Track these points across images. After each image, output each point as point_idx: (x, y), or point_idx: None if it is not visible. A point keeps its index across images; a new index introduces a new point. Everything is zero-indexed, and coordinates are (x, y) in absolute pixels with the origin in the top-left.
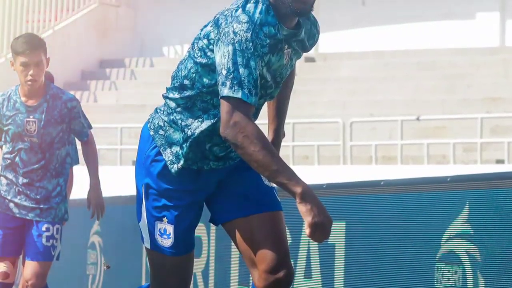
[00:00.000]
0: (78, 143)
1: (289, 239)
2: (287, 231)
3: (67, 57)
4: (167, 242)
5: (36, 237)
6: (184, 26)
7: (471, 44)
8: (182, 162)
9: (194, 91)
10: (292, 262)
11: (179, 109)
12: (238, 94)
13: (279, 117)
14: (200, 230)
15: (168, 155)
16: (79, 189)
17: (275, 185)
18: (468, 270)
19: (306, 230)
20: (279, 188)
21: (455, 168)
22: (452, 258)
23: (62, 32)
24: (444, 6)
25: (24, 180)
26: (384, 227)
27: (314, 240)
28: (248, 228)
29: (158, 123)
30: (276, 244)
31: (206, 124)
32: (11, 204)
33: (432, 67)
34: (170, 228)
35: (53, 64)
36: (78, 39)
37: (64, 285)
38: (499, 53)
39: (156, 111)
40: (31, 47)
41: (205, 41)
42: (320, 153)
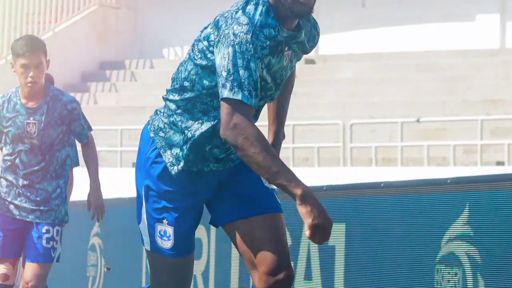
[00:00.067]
0: (78, 145)
1: (289, 240)
2: (287, 232)
3: (67, 59)
4: (167, 244)
5: (36, 239)
6: (184, 28)
7: (471, 46)
8: (182, 164)
9: (194, 93)
10: (292, 264)
11: (179, 111)
12: (238, 96)
13: (279, 119)
14: (200, 232)
15: (168, 157)
16: (79, 191)
17: (275, 187)
18: (468, 272)
19: (306, 232)
20: (279, 190)
21: (455, 170)
22: (452, 260)
23: (62, 34)
24: (444, 8)
25: (24, 182)
26: (384, 229)
27: (314, 242)
28: (248, 230)
29: (158, 125)
30: (276, 246)
31: (206, 126)
32: (11, 206)
33: (432, 69)
34: (170, 230)
35: (53, 66)
36: (78, 41)
37: (65, 287)
38: (499, 55)
39: (156, 113)
40: (31, 49)
41: (205, 43)
42: (320, 155)
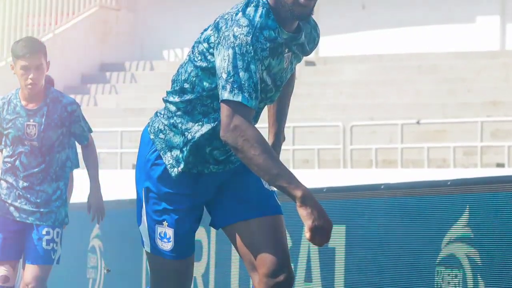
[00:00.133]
0: (78, 147)
1: (289, 242)
2: (287, 234)
3: (68, 60)
4: (167, 245)
5: (36, 240)
6: (184, 30)
7: (471, 48)
8: (182, 165)
9: (194, 95)
10: (292, 266)
11: (179, 112)
12: (238, 98)
13: (279, 120)
14: (201, 234)
15: (168, 158)
16: (79, 193)
17: (275, 188)
18: (468, 274)
19: (306, 234)
20: (279, 192)
21: (455, 172)
22: (452, 262)
23: (62, 36)
24: (445, 10)
25: (24, 184)
26: (384, 230)
27: (314, 243)
28: (248, 231)
29: (158, 127)
30: (276, 247)
31: (206, 127)
32: (11, 208)
33: (433, 70)
34: (170, 232)
35: (53, 67)
36: (78, 43)
37: None
38: (499, 57)
39: (156, 115)
40: (32, 50)
41: (205, 44)
42: (320, 156)
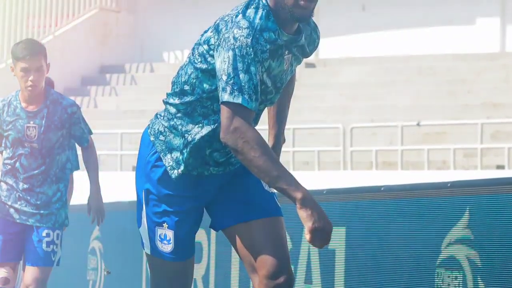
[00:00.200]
0: (78, 149)
1: (289, 244)
2: (288, 236)
3: (67, 62)
4: (167, 247)
5: (37, 242)
6: (184, 32)
7: (471, 50)
8: (182, 167)
9: (194, 97)
10: (292, 268)
11: (179, 114)
12: (239, 100)
13: (279, 122)
14: (201, 236)
15: (168, 160)
16: (79, 194)
17: (275, 190)
18: (469, 276)
19: (307, 236)
20: (279, 194)
21: (456, 174)
22: (452, 264)
23: (62, 38)
24: (445, 12)
25: (25, 186)
26: (384, 232)
27: (315, 245)
28: (248, 233)
29: (158, 129)
30: (277, 249)
31: (206, 129)
32: (12, 210)
33: (433, 72)
34: (170, 234)
35: (53, 69)
36: (78, 45)
37: None
38: (499, 58)
39: (156, 117)
40: (32, 52)
41: (205, 46)
42: (320, 158)
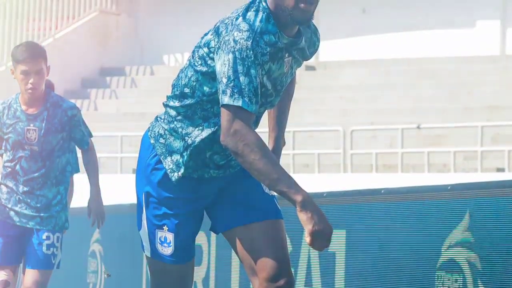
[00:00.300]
0: (79, 151)
1: (289, 247)
2: (288, 239)
3: (68, 65)
4: (167, 250)
5: (37, 245)
6: (184, 34)
7: (471, 53)
8: (182, 170)
9: (195, 100)
10: (292, 271)
11: (179, 117)
12: (239, 103)
13: (279, 125)
14: (201, 238)
15: (168, 163)
16: (80, 197)
17: (275, 193)
18: (469, 278)
19: (307, 238)
20: (279, 196)
21: (456, 177)
22: (452, 266)
23: (62, 40)
24: (445, 14)
25: (25, 189)
26: (385, 235)
27: (315, 248)
28: (248, 236)
29: (158, 132)
30: (277, 252)
31: (207, 132)
32: (12, 213)
33: (433, 75)
34: (171, 237)
35: (53, 72)
36: (79, 48)
37: None
38: (499, 61)
39: (156, 120)
40: (32, 55)
41: (205, 49)
42: (320, 161)
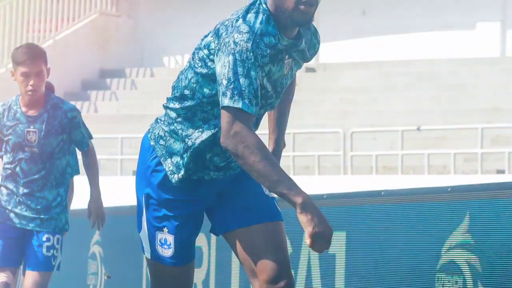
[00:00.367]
0: (79, 153)
1: (289, 249)
2: (288, 241)
3: (68, 67)
4: (167, 252)
5: (37, 247)
6: (184, 36)
7: (471, 55)
8: (182, 172)
9: (195, 101)
10: (292, 272)
11: (179, 119)
12: (239, 104)
13: (279, 127)
14: (201, 240)
15: (168, 165)
16: (80, 199)
17: (275, 195)
18: (469, 280)
19: (307, 240)
20: (279, 198)
21: (456, 178)
22: (452, 268)
23: (62, 42)
24: (445, 16)
25: (25, 190)
26: (385, 237)
27: (315, 250)
28: (248, 238)
29: (158, 133)
30: (277, 254)
31: (207, 134)
32: (12, 214)
33: (433, 77)
34: (171, 238)
35: (53, 74)
36: (79, 49)
37: None
38: (499, 63)
39: (156, 121)
40: (32, 57)
41: (205, 51)
42: (320, 163)
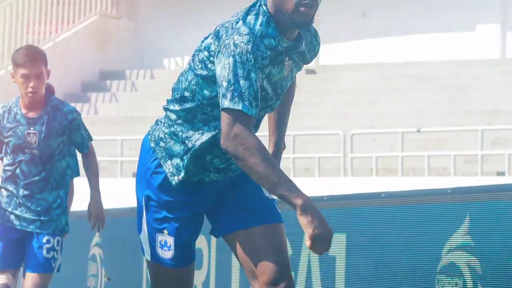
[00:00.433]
0: (79, 155)
1: (289, 251)
2: (288, 243)
3: (68, 68)
4: (167, 254)
5: (37, 249)
6: (184, 38)
7: (471, 56)
8: (182, 174)
9: (195, 103)
10: (292, 274)
11: (179, 121)
12: (239, 106)
13: (279, 129)
14: (201, 242)
15: (168, 167)
16: (80, 201)
17: (275, 197)
18: (469, 282)
19: (307, 242)
20: (279, 200)
21: (456, 180)
22: (452, 270)
23: (62, 44)
24: (445, 18)
25: (25, 192)
26: (385, 239)
27: (315, 252)
28: (248, 240)
29: (158, 135)
30: (277, 256)
31: (207, 136)
32: (12, 216)
33: (433, 79)
34: (171, 240)
35: (53, 75)
36: (79, 51)
37: None
38: (499, 65)
39: (156, 123)
40: (32, 59)
41: (205, 53)
42: (320, 165)
